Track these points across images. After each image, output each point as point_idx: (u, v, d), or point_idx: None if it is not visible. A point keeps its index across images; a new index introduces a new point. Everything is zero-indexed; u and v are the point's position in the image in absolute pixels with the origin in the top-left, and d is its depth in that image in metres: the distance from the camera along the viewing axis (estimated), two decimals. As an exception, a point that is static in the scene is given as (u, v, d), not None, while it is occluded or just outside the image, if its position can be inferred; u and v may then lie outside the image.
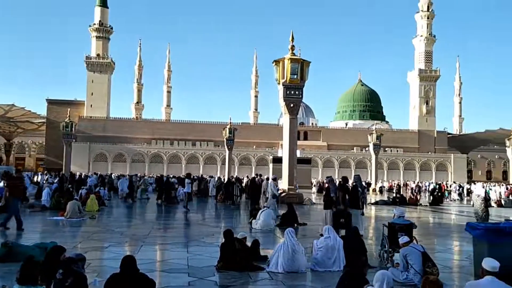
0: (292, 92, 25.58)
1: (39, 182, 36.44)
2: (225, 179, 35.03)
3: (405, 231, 9.12)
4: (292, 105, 25.82)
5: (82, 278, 5.72)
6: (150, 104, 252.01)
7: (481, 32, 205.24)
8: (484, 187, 40.05)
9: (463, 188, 46.00)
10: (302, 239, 11.71)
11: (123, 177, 33.41)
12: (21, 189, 14.69)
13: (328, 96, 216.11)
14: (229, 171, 48.14)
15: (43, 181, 36.10)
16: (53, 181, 34.00)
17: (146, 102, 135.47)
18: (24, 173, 15.32)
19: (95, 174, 41.67)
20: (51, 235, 12.13)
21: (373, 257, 9.75)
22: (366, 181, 44.70)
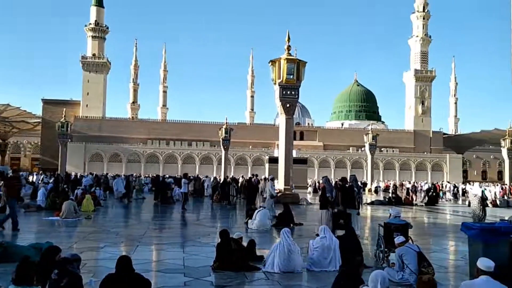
0: (288, 92, 25.60)
1: (35, 182, 36.34)
2: (221, 179, 35.01)
3: (401, 231, 9.13)
4: (288, 105, 25.85)
5: (77, 278, 5.71)
6: (146, 104, 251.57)
7: (477, 32, 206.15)
8: (481, 187, 40.24)
9: (458, 188, 46.15)
10: (298, 239, 11.71)
11: (118, 177, 33.33)
12: (18, 189, 14.63)
13: (324, 96, 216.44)
14: (225, 171, 48.09)
15: (39, 181, 36.01)
16: (49, 181, 33.94)
17: (142, 102, 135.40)
18: (19, 173, 15.22)
19: (90, 174, 41.56)
20: (46, 235, 12.09)
21: (368, 257, 9.76)
22: (362, 181, 44.81)
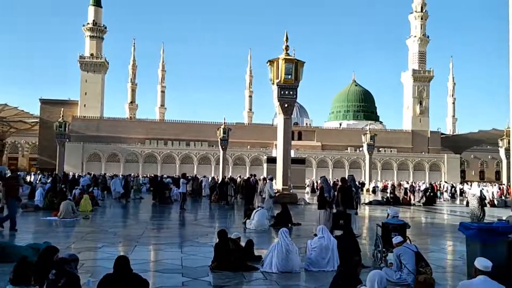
0: (287, 92, 25.62)
1: (32, 182, 36.27)
2: (219, 179, 35.00)
3: (399, 231, 9.14)
4: (286, 105, 25.86)
5: (75, 278, 5.70)
6: (144, 104, 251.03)
7: (474, 33, 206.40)
8: (479, 186, 40.29)
9: (455, 188, 46.21)
10: (296, 239, 11.72)
11: (116, 177, 33.30)
12: (17, 189, 14.56)
13: (322, 97, 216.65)
14: (223, 171, 48.09)
15: (36, 181, 35.94)
16: (46, 181, 33.88)
17: (140, 102, 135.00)
18: (18, 173, 15.15)
19: (88, 174, 41.50)
20: (44, 235, 12.07)
21: (366, 257, 9.77)
22: (360, 181, 44.83)
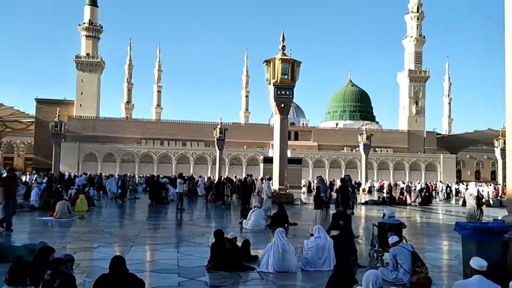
0: (283, 92, 25.61)
1: (28, 182, 36.15)
2: (215, 179, 34.97)
3: (395, 230, 9.15)
4: (283, 105, 25.86)
5: (71, 279, 5.68)
6: (140, 103, 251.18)
7: (470, 33, 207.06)
8: (476, 186, 40.35)
9: (450, 188, 46.32)
10: (293, 239, 11.72)
11: (112, 177, 33.24)
12: (15, 189, 14.44)
13: (318, 97, 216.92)
14: (219, 171, 48.01)
15: (32, 181, 35.82)
16: (42, 181, 33.76)
17: (136, 102, 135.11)
18: (15, 172, 15.05)
19: (84, 174, 41.41)
20: (40, 236, 12.03)
21: (363, 256, 9.79)
22: (356, 181, 44.90)
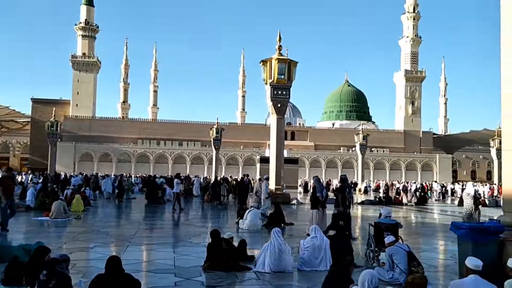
0: (280, 92, 25.64)
1: (23, 182, 36.02)
2: (211, 179, 34.96)
3: (391, 230, 9.17)
4: (279, 105, 25.87)
5: (66, 279, 5.66)
6: (136, 103, 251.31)
7: (466, 33, 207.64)
8: (474, 186, 40.31)
9: (446, 188, 46.45)
10: (289, 238, 11.72)
11: (107, 177, 33.17)
12: (13, 188, 14.34)
13: (315, 97, 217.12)
14: (216, 171, 48.06)
15: (28, 181, 35.70)
16: (38, 181, 33.66)
17: (133, 102, 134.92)
18: (13, 172, 14.84)
19: (80, 174, 41.33)
20: (35, 236, 11.99)
21: (359, 256, 9.80)
22: (352, 181, 44.97)
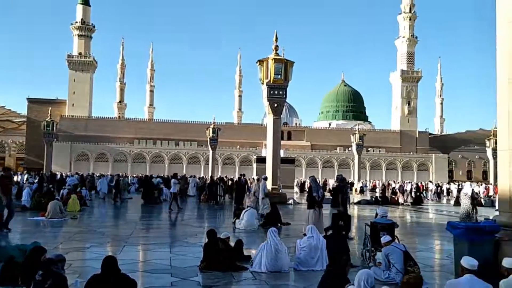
0: (276, 92, 25.63)
1: (19, 182, 35.90)
2: (207, 178, 34.91)
3: (387, 230, 9.19)
4: (276, 105, 25.87)
5: (62, 279, 5.65)
6: (132, 103, 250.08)
7: (462, 33, 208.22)
8: (471, 186, 40.30)
9: (441, 188, 46.56)
10: (286, 238, 11.73)
11: (103, 177, 33.09)
12: (10, 188, 14.26)
13: (311, 97, 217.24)
14: (212, 171, 48.02)
15: (23, 181, 35.59)
16: (34, 181, 33.56)
17: (129, 102, 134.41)
18: (10, 172, 14.62)
19: (76, 174, 41.24)
20: (31, 236, 11.96)
21: (355, 256, 9.81)
22: (349, 181, 45.00)
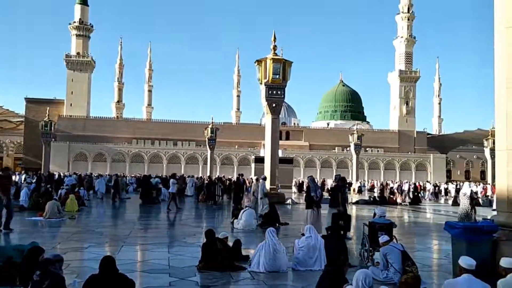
0: (274, 92, 25.64)
1: (17, 182, 35.83)
2: (204, 178, 34.90)
3: (385, 230, 9.20)
4: (274, 105, 25.88)
5: (60, 279, 5.64)
6: (131, 103, 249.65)
7: (461, 33, 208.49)
8: (470, 186, 40.31)
9: (439, 187, 46.63)
10: (284, 238, 11.73)
11: (101, 177, 33.05)
12: (9, 188, 14.22)
13: (310, 97, 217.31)
14: (211, 171, 48.03)
15: (21, 181, 35.53)
16: (32, 181, 33.53)
17: (127, 101, 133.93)
18: (9, 172, 14.46)
19: (74, 174, 41.19)
20: (29, 236, 11.94)
21: (353, 256, 9.82)
22: (347, 181, 44.97)
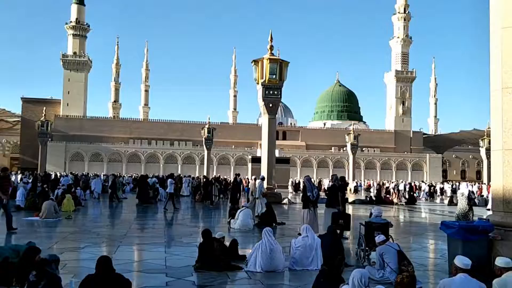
0: (271, 92, 25.66)
1: (14, 182, 35.74)
2: (201, 178, 34.86)
3: (382, 230, 9.22)
4: (271, 105, 25.89)
5: (56, 279, 5.64)
6: (127, 103, 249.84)
7: (456, 34, 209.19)
8: (467, 186, 40.42)
9: (435, 187, 46.75)
10: (281, 238, 11.75)
11: (97, 177, 33.00)
12: (8, 188, 14.19)
13: (306, 97, 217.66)
14: (207, 171, 47.99)
15: (18, 181, 35.43)
16: (28, 181, 33.45)
17: (124, 101, 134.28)
18: (7, 172, 14.39)
19: (71, 174, 41.13)
20: (26, 236, 11.89)
21: (350, 255, 9.84)
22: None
